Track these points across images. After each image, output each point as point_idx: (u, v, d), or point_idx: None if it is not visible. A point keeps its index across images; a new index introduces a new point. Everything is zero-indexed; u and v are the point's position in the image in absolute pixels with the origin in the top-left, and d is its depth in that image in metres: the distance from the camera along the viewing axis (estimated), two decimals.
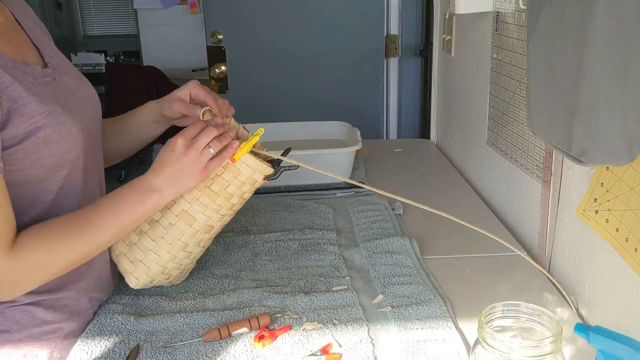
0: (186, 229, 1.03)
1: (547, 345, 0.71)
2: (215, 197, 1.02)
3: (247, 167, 1.02)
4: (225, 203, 1.03)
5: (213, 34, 3.04)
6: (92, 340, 0.97)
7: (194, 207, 1.02)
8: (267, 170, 1.04)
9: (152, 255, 1.03)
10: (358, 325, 0.99)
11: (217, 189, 1.02)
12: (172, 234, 1.03)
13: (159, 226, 1.03)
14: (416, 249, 1.26)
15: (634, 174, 0.89)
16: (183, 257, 1.06)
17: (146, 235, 1.03)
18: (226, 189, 1.02)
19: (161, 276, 1.07)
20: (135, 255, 1.04)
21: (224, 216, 1.06)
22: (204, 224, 1.04)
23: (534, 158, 1.28)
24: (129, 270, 1.05)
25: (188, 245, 1.05)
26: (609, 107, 0.78)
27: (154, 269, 1.04)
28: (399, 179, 1.78)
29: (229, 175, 1.02)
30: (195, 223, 1.03)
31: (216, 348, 0.94)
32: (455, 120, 1.95)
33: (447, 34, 1.95)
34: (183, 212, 1.02)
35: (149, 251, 1.03)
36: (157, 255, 1.03)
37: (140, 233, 1.03)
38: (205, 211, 1.02)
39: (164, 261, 1.04)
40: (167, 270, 1.06)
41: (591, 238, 1.04)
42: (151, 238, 1.03)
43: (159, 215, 1.03)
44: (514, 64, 1.36)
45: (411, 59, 3.15)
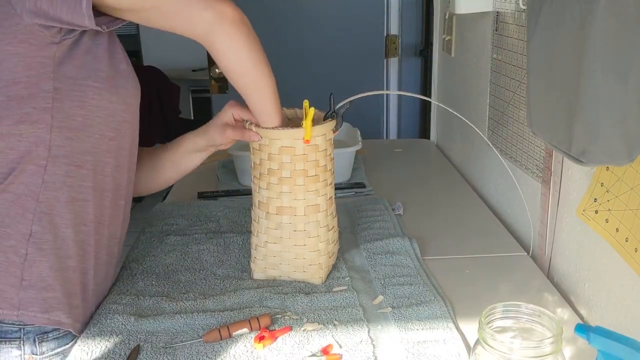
0: (295, 220, 1.09)
1: (547, 345, 0.71)
2: (293, 180, 1.07)
3: (319, 138, 1.07)
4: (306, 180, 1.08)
5: None
6: (92, 340, 0.97)
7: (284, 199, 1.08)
8: (330, 125, 1.10)
9: (311, 255, 1.11)
10: (358, 326, 0.99)
11: (289, 173, 1.07)
12: (286, 230, 1.10)
13: (279, 230, 1.10)
14: (416, 249, 1.26)
15: (634, 174, 0.89)
16: (314, 244, 1.11)
17: (276, 245, 1.12)
18: (296, 168, 1.07)
19: (330, 260, 1.15)
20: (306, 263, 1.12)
21: (317, 190, 1.10)
22: (305, 206, 1.09)
23: (534, 158, 1.28)
24: (305, 279, 1.13)
25: (310, 231, 1.10)
26: (609, 107, 0.78)
27: (321, 260, 1.12)
28: (399, 179, 1.77)
29: (287, 156, 1.06)
30: (297, 210, 1.08)
31: (216, 349, 0.94)
32: (455, 120, 1.95)
33: (447, 34, 1.95)
34: (279, 209, 1.09)
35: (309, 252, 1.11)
36: (316, 250, 1.11)
37: (293, 248, 1.11)
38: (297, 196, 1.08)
39: (324, 250, 1.12)
40: (330, 253, 1.14)
41: (591, 238, 1.04)
42: (280, 245, 1.11)
43: (265, 223, 1.11)
44: (514, 64, 1.36)
45: (411, 59, 3.15)
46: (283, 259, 1.12)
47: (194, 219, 1.44)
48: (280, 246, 1.11)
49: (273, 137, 1.06)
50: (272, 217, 1.10)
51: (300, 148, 1.06)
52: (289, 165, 1.06)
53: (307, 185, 1.08)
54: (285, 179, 1.07)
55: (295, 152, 1.06)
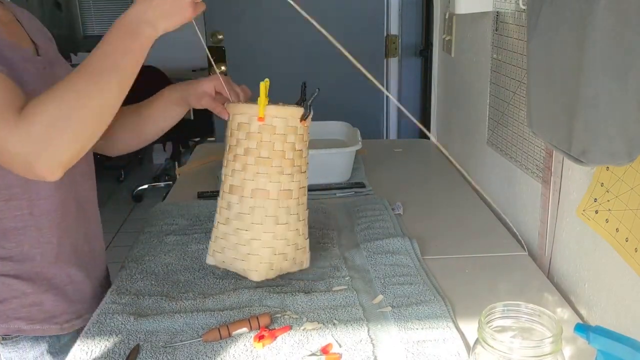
0: (267, 203, 1.05)
1: (547, 345, 0.71)
2: (270, 161, 1.05)
3: (277, 119, 1.04)
4: (283, 162, 1.05)
5: (213, 34, 3.04)
6: (92, 340, 0.97)
7: (259, 180, 1.05)
8: (296, 111, 1.06)
9: (255, 243, 1.07)
10: (358, 325, 0.99)
11: (267, 153, 1.05)
12: (258, 214, 1.06)
13: (245, 215, 1.06)
14: (416, 249, 1.26)
15: (634, 174, 0.89)
16: (283, 232, 1.08)
17: (240, 230, 1.07)
18: (274, 149, 1.04)
19: (276, 258, 1.09)
20: (243, 251, 1.07)
21: (292, 175, 1.07)
22: (278, 190, 1.06)
23: (534, 158, 1.28)
24: (245, 268, 1.09)
25: (279, 217, 1.07)
26: (609, 107, 0.78)
27: (264, 253, 1.07)
28: (399, 179, 1.78)
29: (268, 135, 1.04)
30: (270, 194, 1.05)
31: (216, 348, 0.94)
32: (455, 120, 1.95)
33: (447, 34, 1.95)
34: (254, 191, 1.05)
35: (251, 241, 1.07)
36: (259, 239, 1.06)
37: (235, 231, 1.07)
38: (271, 178, 1.05)
39: (268, 242, 1.07)
40: (278, 250, 1.08)
41: (591, 238, 1.04)
42: (244, 229, 1.06)
43: (238, 207, 1.06)
44: (514, 64, 1.36)
45: (411, 59, 3.15)
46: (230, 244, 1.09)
47: (194, 219, 1.44)
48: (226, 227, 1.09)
49: (232, 111, 1.08)
50: (225, 195, 1.09)
51: (255, 125, 1.04)
52: (244, 142, 1.05)
53: (258, 166, 1.05)
54: (238, 156, 1.06)
55: (249, 128, 1.05)
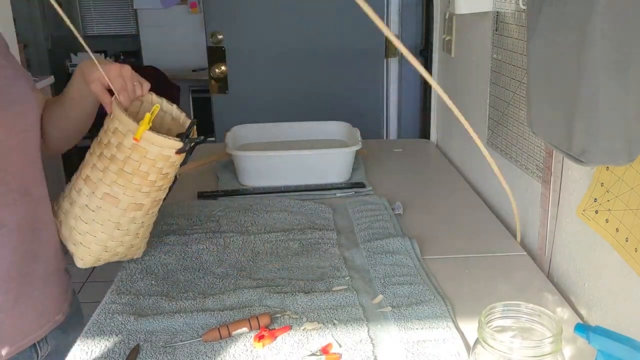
0: (113, 209, 1.07)
1: (547, 345, 0.71)
2: (131, 177, 1.05)
3: (152, 145, 1.03)
4: (143, 181, 1.06)
5: (213, 34, 3.04)
6: (92, 340, 0.97)
7: (114, 189, 1.06)
8: (174, 144, 1.04)
9: (89, 237, 1.09)
10: (358, 325, 0.99)
11: (130, 170, 1.05)
12: (102, 215, 1.07)
13: (88, 210, 1.08)
14: (416, 249, 1.26)
15: (634, 174, 0.89)
16: (121, 235, 1.11)
17: (80, 220, 1.08)
18: (139, 169, 1.04)
19: (105, 254, 1.12)
20: (76, 237, 1.10)
21: (149, 192, 1.08)
22: (129, 202, 1.07)
23: (534, 158, 1.28)
24: (73, 252, 1.11)
25: (121, 224, 1.09)
26: (609, 107, 0.78)
27: (94, 248, 1.10)
28: (399, 179, 1.78)
29: (137, 155, 1.04)
30: (120, 203, 1.07)
31: (216, 348, 0.94)
32: (455, 120, 1.94)
33: (447, 34, 1.95)
34: (106, 195, 1.06)
35: (86, 233, 1.09)
36: (94, 236, 1.09)
37: (75, 217, 1.09)
38: (126, 191, 1.06)
39: (101, 241, 1.09)
40: (109, 249, 1.11)
41: (591, 238, 1.04)
42: (84, 221, 1.08)
43: (86, 199, 1.07)
44: (514, 64, 1.36)
45: None
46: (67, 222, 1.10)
47: (194, 219, 1.44)
48: (70, 207, 1.09)
49: (115, 113, 1.06)
50: (79, 180, 1.09)
51: (128, 141, 1.03)
52: (113, 149, 1.04)
53: (117, 176, 1.05)
54: (103, 157, 1.06)
55: (123, 140, 1.04)
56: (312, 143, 1.91)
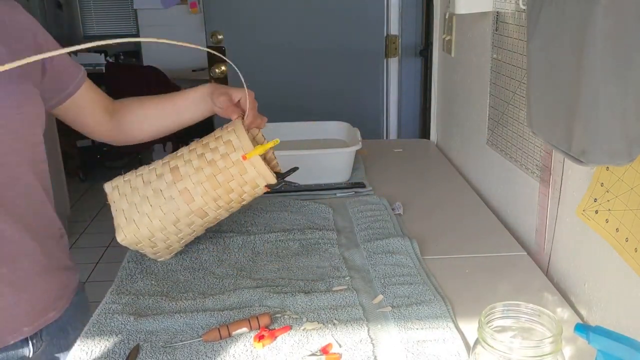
0: (182, 205, 1.11)
1: (547, 345, 0.71)
2: (218, 186, 1.11)
3: (253, 169, 1.10)
4: (224, 196, 1.12)
5: (213, 34, 3.04)
6: (92, 340, 0.97)
7: (197, 189, 1.11)
8: (270, 178, 1.12)
9: (145, 219, 1.12)
10: (358, 325, 0.99)
11: (222, 180, 1.11)
12: (169, 206, 1.11)
13: (161, 196, 1.12)
14: (416, 249, 1.26)
15: (634, 174, 0.89)
16: (172, 232, 1.14)
17: (147, 200, 1.12)
18: (229, 183, 1.11)
19: (147, 242, 1.14)
20: (131, 214, 1.12)
21: (220, 208, 1.14)
22: (200, 207, 1.12)
23: (534, 158, 1.28)
24: (121, 225, 1.13)
25: (179, 222, 1.13)
26: (609, 107, 0.78)
27: (143, 231, 1.12)
28: (399, 179, 1.78)
29: (236, 170, 1.10)
30: (192, 203, 1.11)
31: (216, 348, 0.94)
32: (455, 120, 1.95)
33: (447, 34, 1.95)
34: (185, 190, 1.11)
35: (144, 215, 1.12)
36: (150, 220, 1.11)
37: (143, 197, 1.12)
38: (205, 196, 1.11)
39: (153, 228, 1.12)
40: (153, 238, 1.14)
41: (591, 238, 1.04)
42: (150, 203, 1.12)
43: (164, 186, 1.12)
44: (514, 64, 1.36)
45: (411, 59, 3.15)
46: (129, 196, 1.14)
47: None
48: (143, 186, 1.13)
49: (234, 126, 1.13)
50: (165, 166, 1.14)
51: (235, 155, 1.10)
52: (217, 156, 1.11)
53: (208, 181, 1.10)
54: (202, 157, 1.12)
55: (229, 153, 1.10)
56: (312, 143, 1.91)
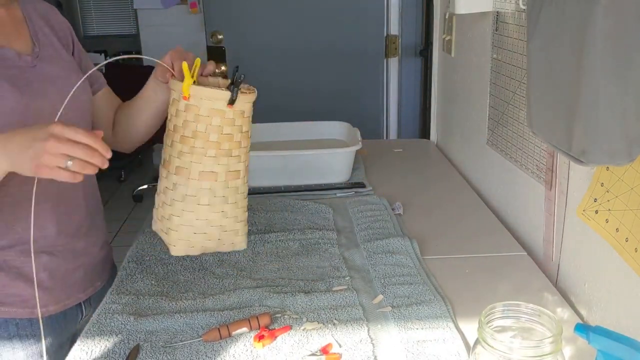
0: (188, 182, 1.06)
1: (547, 345, 0.71)
2: (192, 141, 1.05)
3: (202, 100, 1.03)
4: (206, 144, 1.05)
5: (213, 34, 3.04)
6: (92, 340, 0.97)
7: (182, 159, 1.06)
8: (222, 94, 1.04)
9: (175, 220, 1.08)
10: (358, 325, 0.99)
11: (191, 133, 1.04)
12: (179, 192, 1.07)
13: (168, 191, 1.08)
14: (416, 249, 1.26)
15: (634, 174, 0.89)
16: (205, 212, 1.08)
17: (165, 204, 1.09)
18: (197, 129, 1.04)
19: (196, 238, 1.09)
20: (166, 225, 1.09)
21: (217, 157, 1.06)
22: (199, 170, 1.06)
23: (534, 158, 1.28)
24: (165, 241, 1.11)
25: (199, 198, 1.07)
26: (609, 107, 0.78)
27: (183, 230, 1.08)
28: (399, 179, 1.77)
29: (192, 115, 1.04)
30: (191, 173, 1.06)
31: (216, 348, 0.94)
32: (455, 120, 1.95)
33: (447, 34, 1.95)
34: (178, 169, 1.06)
35: (171, 216, 1.08)
36: (178, 216, 1.07)
37: (161, 204, 1.10)
38: (193, 158, 1.05)
39: (187, 220, 1.08)
40: (197, 229, 1.09)
41: (591, 238, 1.04)
42: (168, 204, 1.08)
43: (166, 182, 1.09)
44: (514, 64, 1.36)
45: (411, 59, 3.15)
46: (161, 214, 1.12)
47: None
48: (162, 196, 1.11)
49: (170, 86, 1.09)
50: (161, 166, 1.11)
51: (182, 104, 1.05)
52: (174, 118, 1.07)
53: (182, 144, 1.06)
54: (169, 132, 1.08)
55: (178, 105, 1.06)
56: (312, 143, 1.91)
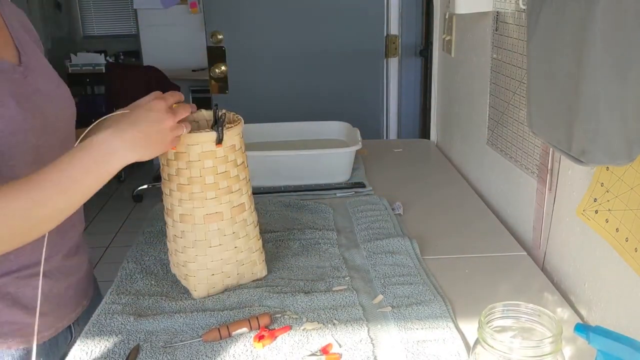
0: (195, 228, 1.04)
1: (547, 345, 0.71)
2: (190, 187, 1.02)
3: (190, 147, 0.99)
4: (203, 187, 1.02)
5: (213, 34, 3.04)
6: (92, 340, 0.97)
7: (184, 206, 1.03)
8: (208, 136, 1.00)
9: (190, 265, 1.07)
10: (358, 325, 0.99)
11: (186, 180, 1.01)
12: (188, 238, 1.05)
13: (178, 239, 1.07)
14: (416, 249, 1.26)
15: (634, 174, 0.89)
16: (217, 253, 1.06)
17: (178, 252, 1.08)
18: (191, 175, 1.01)
19: (215, 278, 1.09)
20: (183, 271, 1.10)
21: (217, 198, 1.03)
22: (203, 214, 1.03)
23: (534, 158, 1.28)
24: (187, 286, 1.11)
25: (209, 241, 1.05)
26: (609, 107, 0.78)
27: (200, 275, 1.08)
28: (399, 179, 1.77)
29: (183, 162, 1.01)
30: (195, 219, 1.04)
31: (216, 348, 0.94)
32: (455, 120, 1.95)
33: (447, 34, 1.95)
34: (181, 216, 1.04)
35: (186, 263, 1.08)
36: (193, 262, 1.07)
37: (174, 252, 1.10)
38: (194, 204, 1.03)
39: (202, 264, 1.07)
40: (215, 271, 1.08)
41: (591, 238, 1.04)
42: (180, 251, 1.08)
43: (173, 230, 1.07)
44: (514, 64, 1.36)
45: (411, 59, 3.15)
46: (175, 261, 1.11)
47: None
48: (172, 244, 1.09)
49: None
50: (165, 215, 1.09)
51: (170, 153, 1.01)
52: (166, 168, 1.04)
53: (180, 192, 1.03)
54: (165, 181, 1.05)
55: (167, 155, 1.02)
56: (312, 143, 1.91)
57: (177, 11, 5.23)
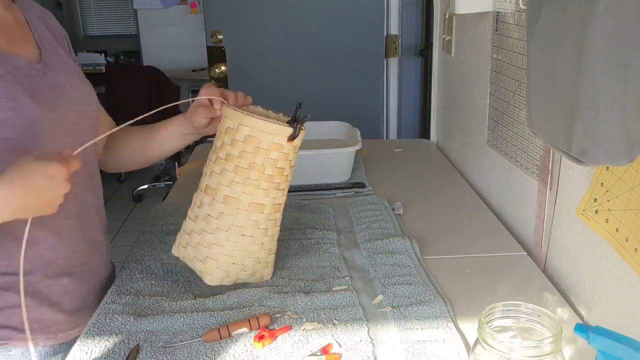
0: (236, 213, 1.05)
1: (547, 345, 0.71)
2: (248, 172, 1.03)
3: (263, 133, 1.02)
4: (260, 176, 1.04)
5: (213, 34, 3.04)
6: (92, 340, 0.97)
7: (233, 189, 1.04)
8: (285, 130, 1.03)
9: (215, 248, 1.06)
10: (358, 325, 0.99)
11: (247, 164, 1.03)
12: (225, 221, 1.05)
13: (212, 219, 1.06)
14: (416, 249, 1.26)
15: (634, 174, 0.89)
16: (247, 243, 1.07)
17: (205, 232, 1.06)
18: (254, 161, 1.03)
19: (233, 268, 1.08)
20: (202, 253, 1.07)
21: (268, 190, 1.05)
22: (249, 202, 1.04)
23: (534, 158, 1.28)
24: (201, 269, 1.08)
25: (245, 229, 1.05)
26: (609, 107, 0.78)
27: (222, 260, 1.06)
28: (399, 179, 1.78)
29: (250, 146, 1.03)
30: (240, 204, 1.04)
31: (216, 348, 0.94)
32: (455, 120, 1.95)
33: (447, 34, 1.95)
34: (226, 198, 1.04)
35: (212, 245, 1.06)
36: (220, 245, 1.05)
37: (200, 231, 1.07)
38: (245, 189, 1.04)
39: (228, 250, 1.06)
40: (236, 260, 1.07)
41: (591, 238, 1.04)
42: (209, 232, 1.06)
43: (208, 209, 1.06)
44: (514, 64, 1.36)
45: (411, 59, 3.15)
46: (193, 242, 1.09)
47: None
48: (194, 224, 1.08)
49: (224, 113, 1.07)
50: (199, 193, 1.09)
51: (240, 134, 1.03)
52: (227, 147, 1.04)
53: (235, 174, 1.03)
54: (219, 160, 1.05)
55: (235, 135, 1.03)
56: (312, 143, 1.90)
57: (177, 11, 5.23)
